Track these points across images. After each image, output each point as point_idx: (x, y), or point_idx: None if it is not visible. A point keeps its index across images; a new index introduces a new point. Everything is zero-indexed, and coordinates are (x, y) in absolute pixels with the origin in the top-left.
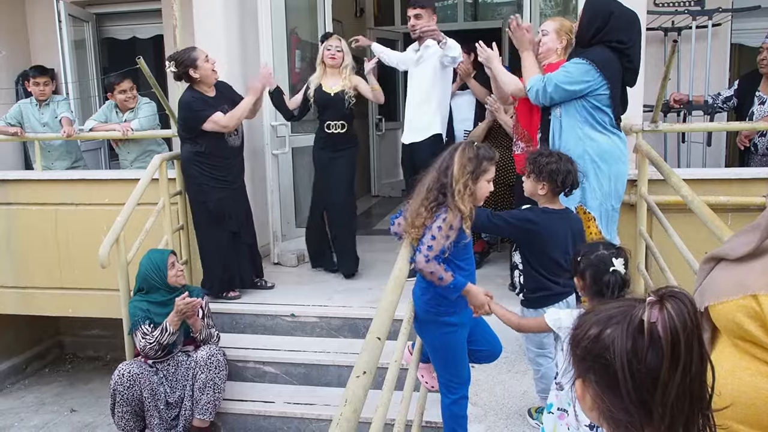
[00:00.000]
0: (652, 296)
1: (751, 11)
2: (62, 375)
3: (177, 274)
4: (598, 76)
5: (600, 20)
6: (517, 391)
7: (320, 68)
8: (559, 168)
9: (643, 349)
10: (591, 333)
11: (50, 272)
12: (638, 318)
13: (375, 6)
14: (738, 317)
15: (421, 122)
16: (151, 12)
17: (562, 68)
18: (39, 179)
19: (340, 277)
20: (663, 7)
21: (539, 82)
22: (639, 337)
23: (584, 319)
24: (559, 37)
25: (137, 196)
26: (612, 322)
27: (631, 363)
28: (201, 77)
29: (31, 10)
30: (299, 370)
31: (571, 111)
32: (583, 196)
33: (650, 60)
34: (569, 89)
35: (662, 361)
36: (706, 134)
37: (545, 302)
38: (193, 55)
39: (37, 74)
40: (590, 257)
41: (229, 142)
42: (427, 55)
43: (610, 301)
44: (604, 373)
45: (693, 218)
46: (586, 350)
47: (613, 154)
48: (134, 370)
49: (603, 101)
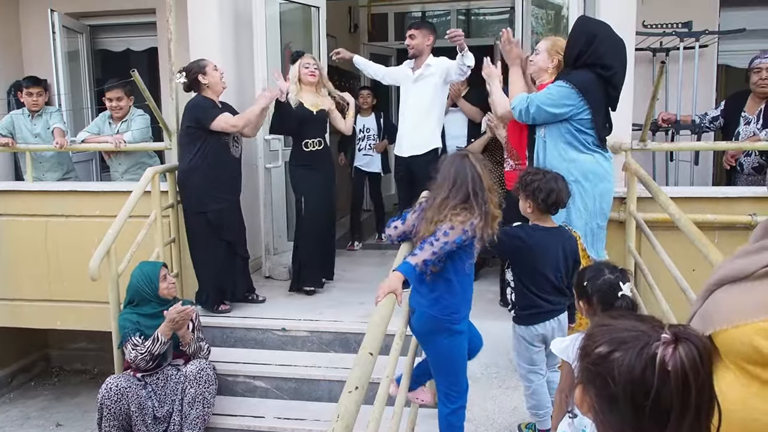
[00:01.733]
0: (667, 334)
1: (737, 33)
2: (48, 388)
3: (168, 286)
4: (580, 101)
5: (584, 41)
6: (507, 407)
7: (296, 86)
8: (540, 186)
9: (651, 385)
10: (600, 351)
11: (39, 284)
12: (650, 353)
13: (369, 22)
14: (756, 340)
15: (422, 136)
16: (146, 25)
17: (546, 89)
18: (29, 190)
19: (332, 292)
20: (651, 28)
21: (523, 101)
22: (648, 372)
23: (597, 331)
24: (550, 56)
25: (129, 208)
26: (623, 347)
27: (635, 394)
28: (209, 84)
29: (25, 21)
30: (290, 384)
31: (555, 132)
32: (567, 216)
33: (639, 80)
34: (551, 111)
35: (670, 401)
36: (694, 153)
37: (536, 319)
38: (202, 62)
39: (30, 85)
40: (597, 282)
41: (232, 151)
42: (428, 73)
43: (623, 316)
44: (605, 392)
45: (681, 236)
46: (592, 364)
47: (596, 172)
48: (122, 383)
49: (585, 124)
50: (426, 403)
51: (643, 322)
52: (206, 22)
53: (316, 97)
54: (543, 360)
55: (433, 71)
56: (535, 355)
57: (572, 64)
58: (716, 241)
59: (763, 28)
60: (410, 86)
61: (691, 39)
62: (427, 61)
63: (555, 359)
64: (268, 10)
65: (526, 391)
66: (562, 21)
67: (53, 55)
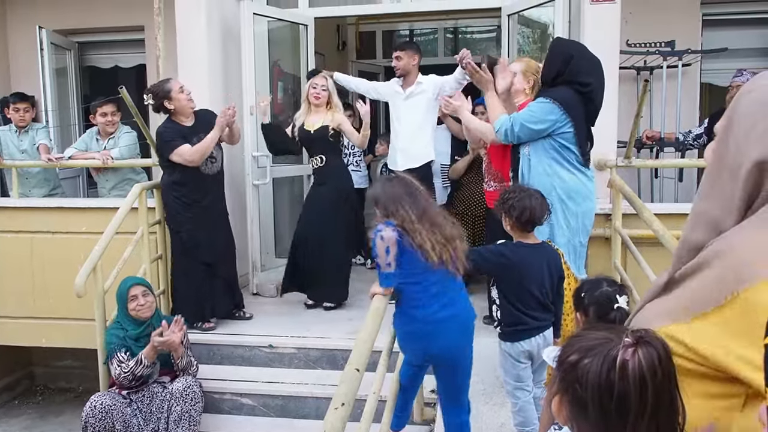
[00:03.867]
0: (629, 338)
1: (719, 53)
2: (32, 407)
3: (137, 307)
4: (562, 115)
5: (561, 62)
6: (494, 423)
7: (305, 105)
8: (514, 204)
9: (613, 386)
10: (571, 359)
11: (24, 301)
12: (612, 356)
13: (357, 40)
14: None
15: (417, 150)
16: (134, 42)
17: (527, 108)
18: (15, 207)
19: (320, 308)
20: (635, 47)
21: (507, 122)
22: (612, 374)
23: (572, 341)
24: (525, 77)
25: (116, 224)
26: (590, 353)
27: (602, 397)
28: (176, 108)
29: (13, 38)
30: (277, 401)
31: (539, 149)
32: (551, 233)
33: (623, 98)
34: (534, 128)
35: (631, 401)
36: (678, 170)
37: (522, 336)
38: (166, 87)
39: (17, 100)
40: (594, 294)
41: (204, 170)
42: (419, 90)
43: (598, 326)
44: (575, 398)
45: (665, 252)
46: (565, 373)
47: (580, 192)
48: (107, 401)
49: (568, 139)
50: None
51: (612, 331)
52: (194, 39)
53: (323, 116)
54: (529, 376)
55: (425, 89)
56: (521, 372)
57: (550, 83)
58: None
59: (744, 47)
60: (401, 103)
61: (674, 58)
62: (418, 80)
63: (541, 375)
64: (257, 27)
65: (513, 407)
66: (548, 40)
67: (41, 71)
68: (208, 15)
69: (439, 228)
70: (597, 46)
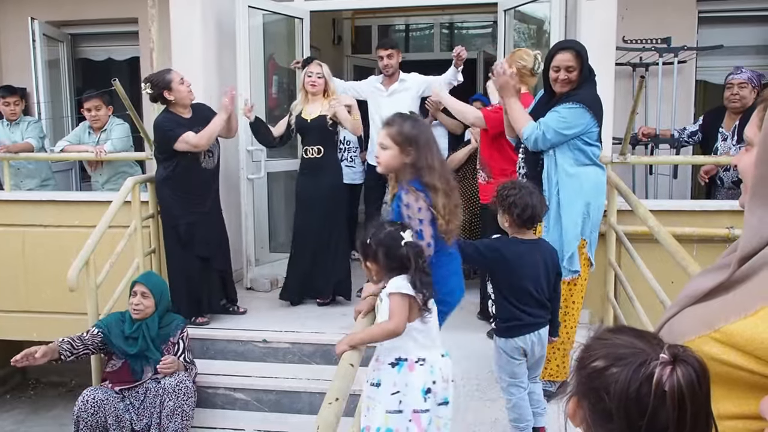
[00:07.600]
0: (666, 355)
1: (714, 50)
2: (24, 402)
3: (132, 304)
4: (591, 118)
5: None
6: (488, 419)
7: (301, 94)
8: (515, 201)
9: (647, 404)
10: (597, 365)
11: (15, 295)
12: (647, 372)
13: (353, 34)
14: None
15: None
16: (128, 34)
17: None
18: (7, 200)
19: (314, 303)
20: (631, 43)
21: (536, 129)
22: (644, 390)
23: (595, 344)
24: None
25: (109, 218)
26: (620, 363)
27: (630, 411)
28: (176, 99)
29: (4, 29)
30: (270, 396)
31: (564, 148)
32: (583, 227)
33: (619, 94)
34: (567, 134)
35: (666, 421)
36: (673, 167)
37: (517, 332)
38: (167, 77)
39: (6, 94)
40: (380, 236)
41: (203, 164)
42: (403, 88)
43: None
44: (599, 407)
45: (660, 248)
46: (588, 378)
47: (600, 186)
48: (99, 396)
49: (593, 137)
50: None
51: (642, 339)
52: (189, 31)
53: (321, 106)
54: (524, 373)
55: (409, 86)
56: (516, 368)
57: (588, 77)
58: (694, 254)
59: (740, 44)
60: (383, 100)
61: (670, 55)
62: (401, 77)
63: (536, 371)
64: (252, 20)
65: (507, 404)
66: (544, 35)
67: (33, 63)
68: (202, 7)
69: (453, 192)
70: (593, 42)
